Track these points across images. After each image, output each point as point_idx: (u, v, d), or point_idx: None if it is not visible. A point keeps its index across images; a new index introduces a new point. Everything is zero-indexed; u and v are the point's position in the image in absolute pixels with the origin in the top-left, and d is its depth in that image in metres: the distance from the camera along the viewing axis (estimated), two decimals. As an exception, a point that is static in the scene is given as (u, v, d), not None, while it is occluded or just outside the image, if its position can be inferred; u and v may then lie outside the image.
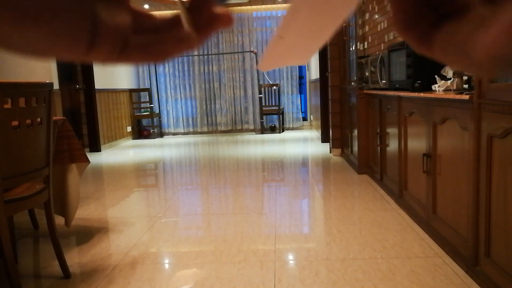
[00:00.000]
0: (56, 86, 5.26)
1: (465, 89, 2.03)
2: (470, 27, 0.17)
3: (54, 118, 1.98)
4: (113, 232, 2.57)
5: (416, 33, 0.20)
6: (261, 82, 7.82)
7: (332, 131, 4.91)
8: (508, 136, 1.48)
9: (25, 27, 0.19)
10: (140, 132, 7.91)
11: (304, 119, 8.45)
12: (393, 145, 2.94)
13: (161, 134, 8.03)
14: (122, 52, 0.22)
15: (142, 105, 7.91)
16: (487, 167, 1.62)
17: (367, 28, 4.28)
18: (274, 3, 7.66)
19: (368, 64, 3.52)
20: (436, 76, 2.26)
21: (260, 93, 7.66)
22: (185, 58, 8.03)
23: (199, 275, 1.93)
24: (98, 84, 6.29)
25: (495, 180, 1.58)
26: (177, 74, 8.03)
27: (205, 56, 7.99)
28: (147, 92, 7.87)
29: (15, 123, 1.66)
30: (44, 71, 4.87)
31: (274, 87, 7.72)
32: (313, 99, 7.17)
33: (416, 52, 0.22)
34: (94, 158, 5.55)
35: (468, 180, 1.76)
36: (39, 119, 1.77)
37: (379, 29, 3.85)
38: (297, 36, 0.26)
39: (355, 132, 3.96)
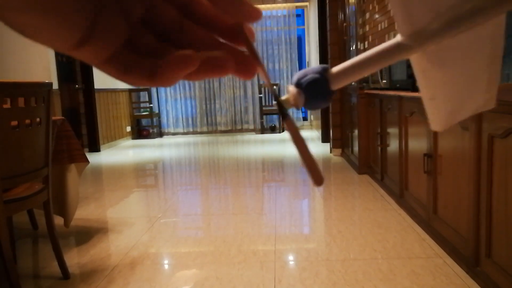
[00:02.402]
0: (55, 86, 5.25)
1: (466, 89, 2.02)
2: None
3: (53, 118, 1.98)
4: (113, 232, 2.57)
5: None
6: (261, 82, 7.81)
7: (333, 131, 4.90)
8: (509, 136, 1.47)
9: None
10: (140, 132, 7.90)
11: (305, 119, 8.45)
12: (393, 145, 2.94)
13: (160, 134, 8.02)
14: (108, 61, 0.21)
15: (142, 105, 7.91)
16: (488, 167, 1.61)
17: (367, 27, 4.28)
18: (274, 3, 7.65)
19: (368, 64, 3.51)
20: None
21: (260, 93, 7.65)
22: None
23: (198, 275, 1.92)
24: (98, 84, 6.28)
25: (496, 180, 1.58)
26: (177, 74, 8.04)
27: (205, 56, 7.98)
28: (146, 92, 7.86)
29: (14, 123, 1.65)
30: (43, 71, 4.86)
31: (274, 87, 7.70)
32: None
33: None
34: (93, 158, 5.54)
35: (469, 180, 1.76)
36: (38, 119, 1.77)
37: (379, 29, 3.84)
38: (451, 90, 0.25)
39: (356, 132, 3.95)
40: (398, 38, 0.22)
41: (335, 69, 0.24)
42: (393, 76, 2.83)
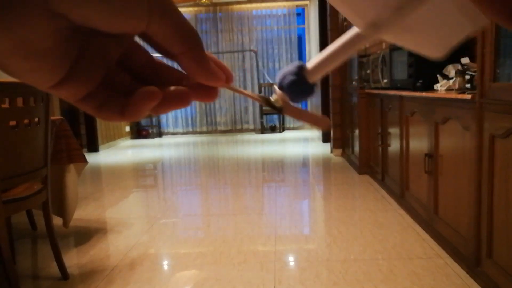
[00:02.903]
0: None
1: (467, 88, 2.01)
2: None
3: (52, 117, 1.97)
4: (112, 233, 2.56)
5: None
6: (261, 81, 7.81)
7: (333, 131, 4.89)
8: (510, 136, 1.47)
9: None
10: (139, 132, 7.89)
11: (304, 118, 8.44)
12: (394, 145, 2.93)
13: (160, 134, 8.02)
14: (84, 99, 0.23)
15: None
16: (489, 167, 1.61)
17: (367, 27, 4.27)
18: (274, 2, 7.64)
19: (369, 63, 3.50)
20: (438, 75, 2.25)
21: (260, 92, 7.64)
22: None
23: (198, 276, 1.91)
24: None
25: (497, 180, 1.57)
26: (176, 73, 8.03)
27: (205, 56, 7.97)
28: (146, 92, 7.85)
29: (13, 123, 1.64)
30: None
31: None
32: (314, 99, 7.16)
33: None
34: (92, 158, 5.53)
35: (470, 180, 1.75)
36: (37, 119, 1.76)
37: (379, 28, 3.83)
38: (429, 35, 0.27)
39: (356, 132, 3.94)
40: (355, 29, 0.25)
41: (310, 64, 0.27)
42: (394, 75, 2.82)
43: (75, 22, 0.19)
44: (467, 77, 2.05)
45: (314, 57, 0.27)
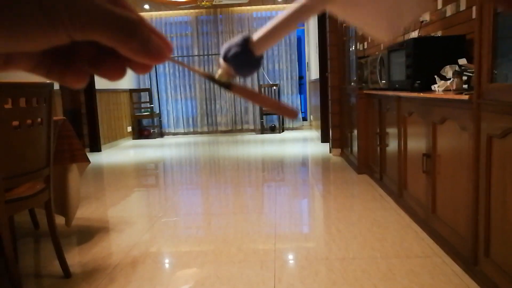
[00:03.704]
0: (56, 86, 5.26)
1: (464, 89, 2.03)
2: None
3: (55, 118, 1.99)
4: (114, 231, 2.58)
5: None
6: (261, 82, 7.82)
7: (332, 131, 4.91)
8: (507, 136, 1.49)
9: None
10: (141, 132, 7.91)
11: (304, 119, 8.46)
12: (392, 145, 2.95)
13: (161, 134, 8.04)
14: (34, 69, 0.24)
15: (143, 105, 7.92)
16: (486, 167, 1.63)
17: (367, 28, 4.28)
18: (274, 4, 7.66)
19: (367, 64, 3.52)
20: (435, 76, 2.27)
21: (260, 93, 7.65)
22: (185, 59, 8.04)
23: (199, 274, 1.94)
24: (99, 84, 6.30)
25: (495, 180, 1.59)
26: (177, 74, 8.04)
27: (205, 57, 8.00)
28: (147, 92, 7.88)
29: (15, 123, 1.66)
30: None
31: (274, 87, 7.72)
32: (313, 100, 7.18)
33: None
34: (94, 158, 5.55)
35: (468, 180, 1.77)
36: (39, 119, 1.78)
37: (379, 29, 3.85)
38: (378, 11, 0.27)
39: (355, 132, 3.96)
40: (301, 1, 0.24)
41: (256, 36, 0.26)
42: (392, 76, 2.84)
43: None
44: (465, 78, 2.07)
45: (259, 29, 0.26)
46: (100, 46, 0.24)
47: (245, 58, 0.26)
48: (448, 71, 2.22)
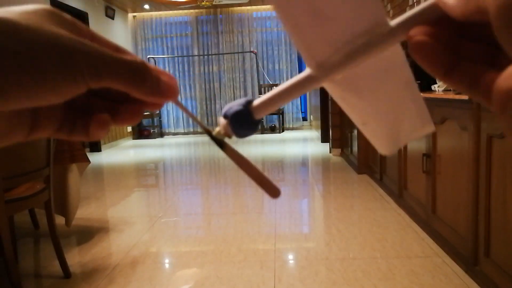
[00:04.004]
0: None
1: (464, 89, 2.03)
2: (484, 67, 0.21)
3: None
4: (114, 231, 2.58)
5: (444, 70, 0.22)
6: (261, 82, 7.82)
7: (332, 131, 4.91)
8: (504, 138, 1.49)
9: None
10: (141, 132, 7.92)
11: (304, 119, 8.46)
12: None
13: (161, 134, 8.04)
14: (56, 132, 0.25)
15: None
16: (486, 167, 1.63)
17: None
18: (274, 3, 7.66)
19: (368, 64, 3.52)
20: (435, 76, 2.26)
21: (260, 93, 7.66)
22: (185, 59, 8.04)
23: (199, 274, 1.93)
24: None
25: (495, 180, 1.59)
26: (177, 74, 8.04)
27: (205, 56, 8.00)
28: (147, 92, 7.87)
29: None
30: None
31: (274, 87, 7.72)
32: (313, 99, 7.18)
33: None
34: (94, 158, 5.55)
35: (468, 180, 1.77)
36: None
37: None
38: (379, 113, 0.28)
39: (355, 132, 3.96)
40: (307, 70, 0.25)
41: (257, 101, 0.26)
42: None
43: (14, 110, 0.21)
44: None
45: (262, 95, 0.27)
46: (114, 95, 0.26)
47: (245, 118, 0.26)
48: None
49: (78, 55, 0.20)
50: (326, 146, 5.49)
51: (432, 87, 2.27)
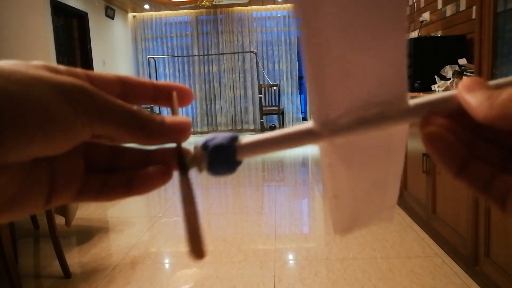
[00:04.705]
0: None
1: (464, 89, 2.03)
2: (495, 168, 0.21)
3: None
4: (114, 232, 2.58)
5: (457, 170, 0.22)
6: (261, 82, 7.83)
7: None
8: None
9: None
10: (140, 132, 7.91)
11: (304, 119, 8.46)
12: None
13: (161, 134, 8.03)
14: (78, 195, 0.23)
15: (142, 105, 7.91)
16: (486, 167, 1.62)
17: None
18: (274, 4, 7.67)
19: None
20: (435, 76, 2.27)
21: (260, 93, 7.67)
22: (185, 59, 8.05)
23: (199, 274, 1.93)
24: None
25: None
26: (177, 74, 8.05)
27: (205, 56, 8.00)
28: (147, 92, 7.87)
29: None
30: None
31: (274, 87, 7.73)
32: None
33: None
34: (94, 158, 5.55)
35: (468, 180, 1.76)
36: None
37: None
38: (355, 191, 0.26)
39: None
40: (311, 124, 0.23)
41: (244, 140, 0.24)
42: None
43: (22, 161, 0.19)
44: (465, 77, 2.07)
45: (252, 136, 0.24)
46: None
47: (226, 155, 0.24)
48: (448, 71, 2.22)
49: (80, 95, 0.19)
50: (326, 146, 5.49)
51: (432, 87, 2.27)
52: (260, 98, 7.65)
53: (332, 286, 1.76)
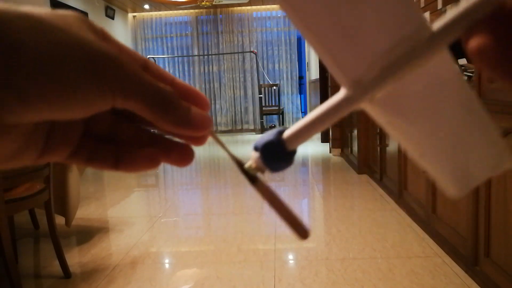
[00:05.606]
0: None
1: (464, 89, 2.03)
2: None
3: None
4: (114, 232, 2.58)
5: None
6: (261, 82, 7.83)
7: (332, 131, 4.91)
8: (507, 136, 1.49)
9: None
10: (140, 132, 7.91)
11: (304, 119, 8.46)
12: (392, 145, 2.95)
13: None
14: (71, 155, 0.22)
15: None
16: (486, 167, 1.62)
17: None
18: (274, 4, 7.67)
19: (368, 64, 3.52)
20: (435, 76, 2.26)
21: (260, 93, 7.67)
22: (185, 59, 8.04)
23: (199, 274, 1.93)
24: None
25: (495, 179, 1.59)
26: (177, 74, 8.05)
27: (205, 56, 8.00)
28: (147, 92, 7.87)
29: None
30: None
31: (274, 87, 7.73)
32: (313, 99, 7.18)
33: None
34: (94, 158, 5.55)
35: (468, 180, 1.76)
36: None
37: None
38: (437, 143, 0.24)
39: (355, 132, 3.96)
40: (342, 91, 0.22)
41: (289, 131, 0.24)
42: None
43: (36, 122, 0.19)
44: (465, 77, 2.07)
45: (294, 124, 0.24)
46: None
47: (277, 149, 0.24)
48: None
49: (109, 65, 0.19)
50: (326, 146, 5.49)
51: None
52: (260, 98, 7.65)
53: (332, 286, 1.76)
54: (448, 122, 0.23)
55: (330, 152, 5.04)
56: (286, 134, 0.24)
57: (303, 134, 0.24)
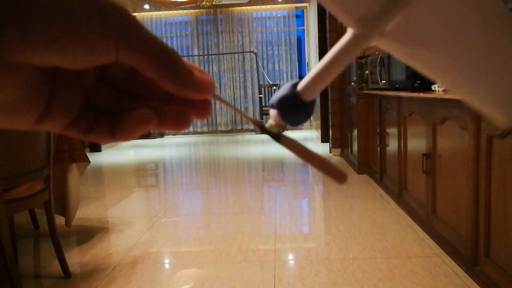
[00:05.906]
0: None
1: (464, 89, 2.03)
2: None
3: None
4: (114, 232, 2.58)
5: None
6: (261, 82, 7.83)
7: (332, 131, 4.91)
8: (507, 136, 1.49)
9: None
10: (140, 132, 7.90)
11: (304, 119, 8.46)
12: (392, 145, 2.95)
13: (161, 134, 8.03)
14: (69, 125, 0.22)
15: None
16: (486, 167, 1.62)
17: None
18: (274, 4, 7.67)
19: (367, 64, 3.52)
20: (435, 76, 2.26)
21: (260, 93, 7.67)
22: (185, 59, 8.04)
23: (199, 274, 1.93)
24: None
25: (495, 180, 1.59)
26: (177, 74, 8.05)
27: (205, 56, 8.00)
28: (147, 92, 7.87)
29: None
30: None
31: (274, 87, 7.72)
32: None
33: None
34: (94, 158, 5.55)
35: (468, 180, 1.77)
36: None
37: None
38: (470, 69, 0.22)
39: (355, 132, 3.96)
40: (350, 31, 0.21)
41: (303, 81, 0.24)
42: (392, 76, 2.84)
43: (38, 66, 0.18)
44: None
45: (308, 74, 0.24)
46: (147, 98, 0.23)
47: (293, 102, 0.24)
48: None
49: (116, 16, 0.18)
50: (326, 146, 5.49)
51: (432, 87, 2.27)
52: (260, 98, 7.65)
53: (332, 286, 1.76)
54: (474, 43, 0.21)
55: (330, 152, 5.04)
56: (300, 85, 0.24)
57: (317, 83, 0.23)
